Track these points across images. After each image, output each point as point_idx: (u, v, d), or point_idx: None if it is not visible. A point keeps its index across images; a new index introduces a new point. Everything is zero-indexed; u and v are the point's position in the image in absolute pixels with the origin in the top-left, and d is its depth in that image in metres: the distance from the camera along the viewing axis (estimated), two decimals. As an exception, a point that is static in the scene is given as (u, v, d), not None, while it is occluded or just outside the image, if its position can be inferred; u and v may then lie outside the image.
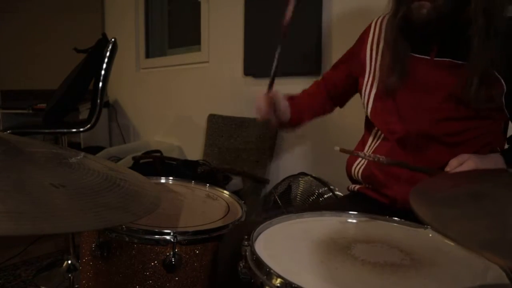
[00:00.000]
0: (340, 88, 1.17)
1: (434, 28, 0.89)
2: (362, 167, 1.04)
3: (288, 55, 1.19)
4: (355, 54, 1.10)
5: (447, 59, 0.91)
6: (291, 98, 1.11)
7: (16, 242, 2.11)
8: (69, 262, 1.59)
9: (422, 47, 0.93)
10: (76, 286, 1.60)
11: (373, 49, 1.05)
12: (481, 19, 0.83)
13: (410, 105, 0.95)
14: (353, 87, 1.13)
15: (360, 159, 1.07)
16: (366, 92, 1.05)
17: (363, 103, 1.07)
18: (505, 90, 0.87)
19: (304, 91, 1.21)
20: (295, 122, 1.13)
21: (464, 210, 0.50)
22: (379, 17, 1.07)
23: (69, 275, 1.59)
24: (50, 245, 2.16)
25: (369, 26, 1.10)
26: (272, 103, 1.01)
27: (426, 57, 0.93)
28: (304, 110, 1.15)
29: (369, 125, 1.09)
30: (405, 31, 0.93)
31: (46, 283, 1.83)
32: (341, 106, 1.23)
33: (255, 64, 2.04)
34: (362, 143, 1.10)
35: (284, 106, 1.05)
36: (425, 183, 0.62)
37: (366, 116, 1.08)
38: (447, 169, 0.85)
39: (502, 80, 0.87)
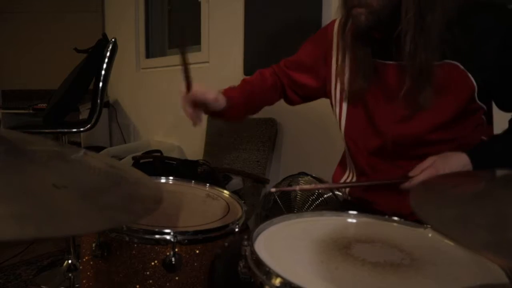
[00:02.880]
0: (302, 92, 1.11)
1: (384, 32, 0.86)
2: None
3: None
4: (322, 61, 1.05)
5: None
6: (240, 88, 1.07)
7: (17, 242, 2.11)
8: (70, 261, 1.59)
9: (385, 52, 0.90)
10: (77, 285, 1.60)
11: (338, 60, 1.00)
12: (411, 12, 0.79)
13: (382, 115, 0.92)
14: (314, 97, 1.12)
15: (346, 175, 1.07)
16: (337, 105, 1.02)
17: (336, 118, 1.03)
18: (476, 87, 0.83)
19: (260, 73, 1.13)
20: (239, 109, 1.06)
21: (464, 210, 0.50)
22: (339, 20, 1.01)
23: (70, 274, 1.59)
24: (50, 245, 2.17)
25: (332, 29, 1.04)
26: (194, 102, 0.96)
27: (391, 62, 0.90)
28: (254, 96, 1.09)
29: (344, 157, 1.09)
30: (361, 37, 0.90)
31: (47, 282, 1.84)
32: (289, 104, 1.17)
33: (255, 64, 2.03)
34: (339, 174, 1.09)
35: (211, 100, 0.97)
36: (424, 184, 0.62)
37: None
38: (411, 174, 0.85)
39: (471, 76, 0.83)
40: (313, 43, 1.10)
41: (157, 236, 0.84)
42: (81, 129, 1.85)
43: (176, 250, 0.83)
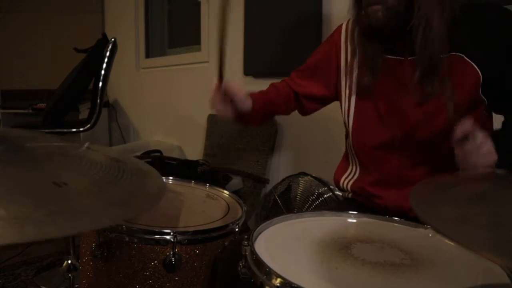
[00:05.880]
0: (314, 98, 1.12)
1: (396, 28, 0.88)
2: (352, 181, 1.05)
3: (287, 53, 1.18)
4: (330, 63, 1.07)
5: None
6: (258, 94, 1.08)
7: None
8: (69, 262, 1.58)
9: (395, 48, 0.92)
10: (76, 286, 1.59)
11: (348, 59, 1.02)
12: (424, 8, 0.82)
13: (392, 109, 0.94)
14: (327, 101, 1.12)
15: (349, 171, 1.08)
16: (346, 101, 1.03)
17: (343, 115, 1.04)
18: (481, 78, 0.85)
19: (272, 85, 1.15)
20: (259, 115, 1.08)
21: (464, 210, 0.50)
22: (348, 20, 1.04)
23: (69, 275, 1.58)
24: (50, 245, 2.16)
25: (339, 33, 1.07)
26: (224, 95, 0.97)
27: (401, 58, 0.92)
28: (271, 103, 1.10)
29: (347, 154, 1.10)
30: (372, 34, 0.92)
31: (46, 283, 1.83)
32: (303, 114, 1.18)
33: (255, 64, 2.03)
34: (342, 170, 1.10)
35: (240, 98, 0.99)
36: (424, 184, 0.62)
37: (346, 143, 1.07)
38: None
39: (476, 67, 0.85)
40: (320, 49, 1.13)
41: (157, 236, 0.84)
42: (81, 129, 1.85)
43: (176, 250, 0.83)
